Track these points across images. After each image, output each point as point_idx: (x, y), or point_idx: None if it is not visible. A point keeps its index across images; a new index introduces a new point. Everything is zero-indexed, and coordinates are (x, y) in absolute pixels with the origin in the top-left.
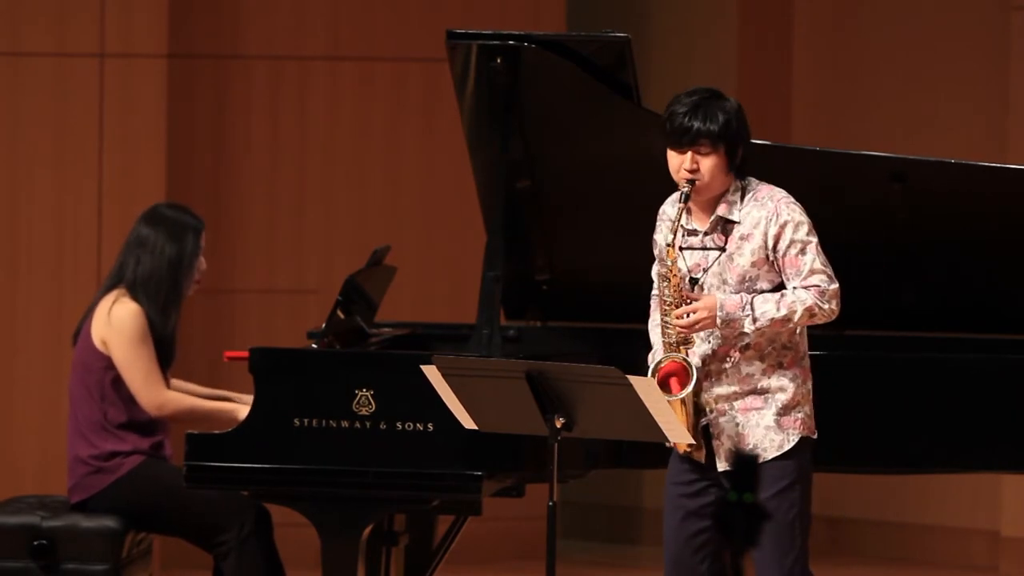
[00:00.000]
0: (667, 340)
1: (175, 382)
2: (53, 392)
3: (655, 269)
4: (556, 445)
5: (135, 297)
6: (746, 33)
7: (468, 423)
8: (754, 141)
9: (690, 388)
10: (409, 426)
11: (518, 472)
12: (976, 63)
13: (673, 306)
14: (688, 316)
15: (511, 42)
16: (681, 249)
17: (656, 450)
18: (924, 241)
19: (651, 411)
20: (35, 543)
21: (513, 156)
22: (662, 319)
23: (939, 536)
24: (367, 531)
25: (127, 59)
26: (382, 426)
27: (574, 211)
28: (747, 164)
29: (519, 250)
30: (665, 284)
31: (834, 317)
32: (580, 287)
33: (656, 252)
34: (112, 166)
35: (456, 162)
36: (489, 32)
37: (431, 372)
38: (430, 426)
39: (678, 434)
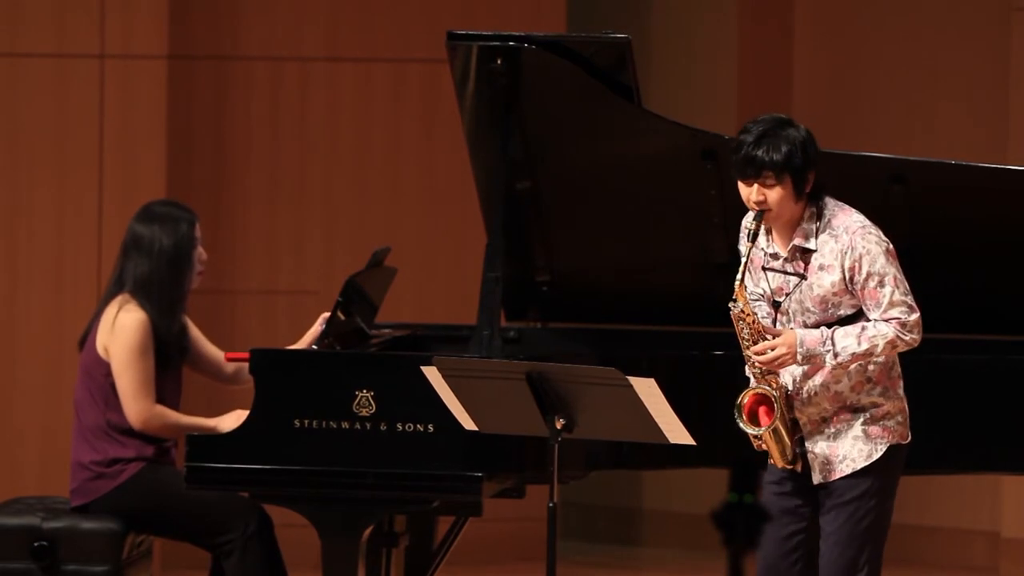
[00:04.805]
0: (752, 372)
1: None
2: (54, 393)
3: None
4: (556, 446)
5: (140, 304)
6: (746, 33)
7: (468, 424)
8: None
9: (774, 423)
10: (409, 427)
11: (518, 473)
12: (976, 63)
13: (751, 343)
14: (768, 352)
15: (511, 43)
16: (765, 270)
17: (656, 451)
18: (924, 242)
19: (651, 411)
20: (36, 544)
21: (513, 157)
22: (744, 353)
23: (939, 537)
24: (367, 532)
25: (127, 60)
26: (382, 427)
27: (574, 212)
28: (823, 188)
29: (519, 251)
30: (741, 324)
31: (916, 345)
32: (581, 288)
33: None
34: (112, 166)
35: (456, 163)
36: (489, 33)
37: (431, 373)
38: (430, 427)
39: (678, 435)
